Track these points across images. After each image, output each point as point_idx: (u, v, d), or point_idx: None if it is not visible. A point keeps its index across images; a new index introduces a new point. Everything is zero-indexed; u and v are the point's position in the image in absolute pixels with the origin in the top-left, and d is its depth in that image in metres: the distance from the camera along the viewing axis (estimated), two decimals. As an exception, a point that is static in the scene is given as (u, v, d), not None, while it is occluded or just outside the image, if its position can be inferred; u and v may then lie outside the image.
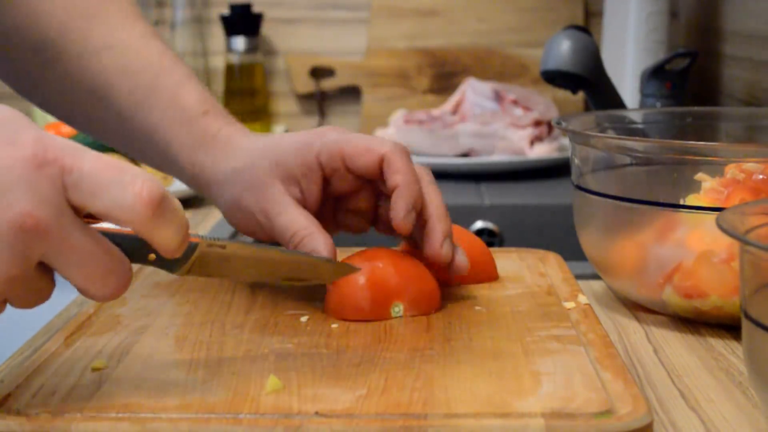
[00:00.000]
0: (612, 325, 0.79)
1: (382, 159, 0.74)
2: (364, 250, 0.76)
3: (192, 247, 0.62)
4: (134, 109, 0.82)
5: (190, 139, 0.81)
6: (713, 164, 0.77)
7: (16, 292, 0.55)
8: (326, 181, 0.78)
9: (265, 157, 0.78)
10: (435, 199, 0.76)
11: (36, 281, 0.55)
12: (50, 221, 0.52)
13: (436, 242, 0.74)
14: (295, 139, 0.79)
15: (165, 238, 0.56)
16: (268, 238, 0.79)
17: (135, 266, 0.87)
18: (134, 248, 0.58)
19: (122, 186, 0.53)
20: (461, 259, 0.75)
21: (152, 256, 0.59)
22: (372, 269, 0.73)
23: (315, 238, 0.74)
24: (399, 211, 0.73)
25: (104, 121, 0.85)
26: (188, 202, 1.36)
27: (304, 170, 0.77)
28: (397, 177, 0.74)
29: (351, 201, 0.79)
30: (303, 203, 0.77)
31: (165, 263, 0.61)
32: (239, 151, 0.80)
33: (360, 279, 0.72)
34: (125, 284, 0.56)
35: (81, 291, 0.56)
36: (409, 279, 0.73)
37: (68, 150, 0.53)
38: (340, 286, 0.72)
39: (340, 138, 0.77)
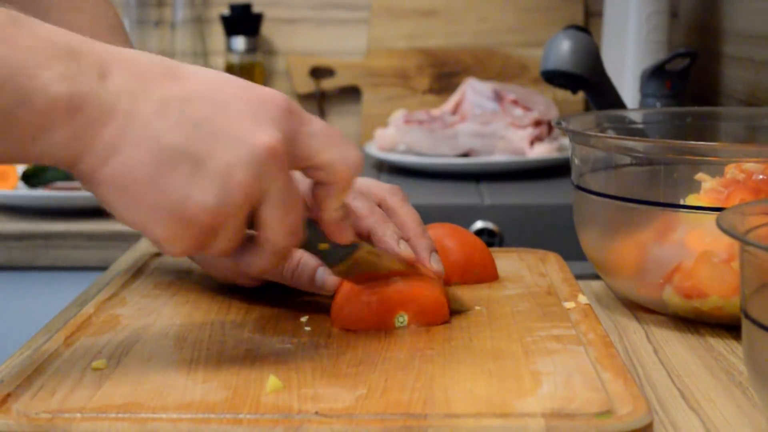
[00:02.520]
0: (612, 325, 0.79)
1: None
2: None
3: (354, 246, 0.68)
4: None
5: None
6: (713, 164, 0.77)
7: (230, 224, 0.59)
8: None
9: None
10: (410, 217, 0.77)
11: (242, 220, 0.60)
12: (286, 157, 0.59)
13: (425, 260, 0.75)
14: None
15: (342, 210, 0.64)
16: (253, 280, 0.78)
17: (153, 264, 0.87)
18: (311, 233, 0.66)
19: (348, 145, 0.63)
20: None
21: (324, 245, 0.66)
22: (376, 279, 0.71)
23: (311, 258, 0.74)
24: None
25: None
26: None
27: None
28: (358, 224, 0.75)
29: None
30: None
31: (329, 256, 0.67)
32: None
33: (362, 289, 0.71)
34: (289, 255, 0.64)
35: (263, 240, 0.61)
36: (414, 290, 0.72)
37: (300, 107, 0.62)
38: (344, 295, 0.72)
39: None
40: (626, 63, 1.58)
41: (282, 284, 0.77)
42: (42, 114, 0.56)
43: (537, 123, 1.59)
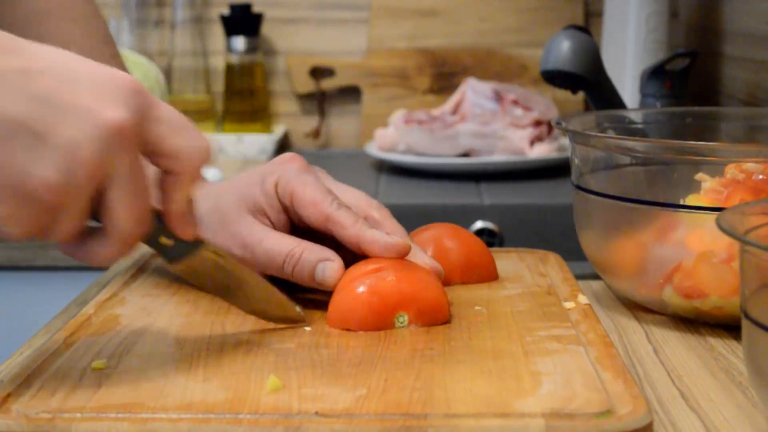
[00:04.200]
0: (612, 325, 0.79)
1: (327, 218, 0.75)
2: (369, 258, 0.75)
3: (198, 244, 0.65)
4: None
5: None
6: (713, 164, 0.77)
7: (73, 205, 0.57)
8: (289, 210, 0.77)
9: (229, 194, 0.78)
10: (396, 229, 0.77)
11: (85, 201, 0.57)
12: (134, 138, 0.57)
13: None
14: (256, 171, 0.79)
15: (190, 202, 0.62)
16: None
17: (135, 260, 0.87)
18: (154, 225, 0.63)
19: (197, 134, 0.61)
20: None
21: (164, 239, 0.63)
22: (376, 278, 0.71)
23: (313, 251, 0.74)
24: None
25: None
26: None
27: (268, 200, 0.77)
28: (342, 235, 0.74)
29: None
30: None
31: (170, 251, 0.64)
32: (200, 196, 0.79)
33: (362, 288, 0.71)
34: (134, 245, 0.61)
35: (109, 227, 0.59)
36: (414, 289, 0.71)
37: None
38: (343, 295, 0.72)
39: (295, 179, 0.76)
40: (626, 63, 1.58)
41: (282, 280, 0.77)
42: None
43: (537, 123, 1.59)
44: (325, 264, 0.73)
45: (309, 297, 0.78)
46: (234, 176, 0.82)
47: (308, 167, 0.78)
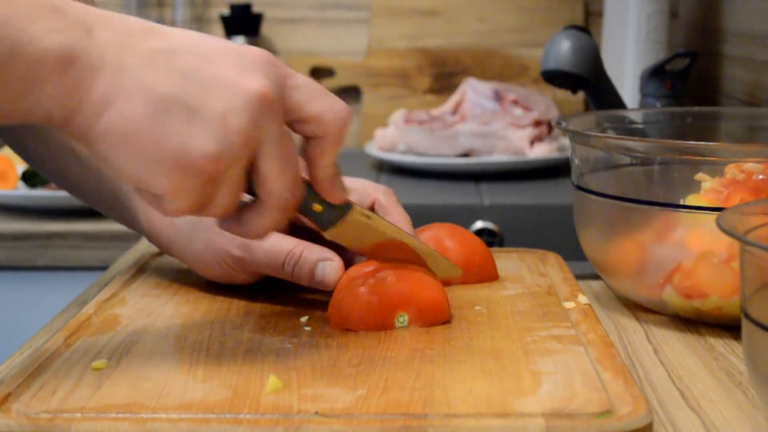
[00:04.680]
0: (612, 325, 0.79)
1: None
2: (370, 260, 0.75)
3: (347, 207, 0.68)
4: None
5: None
6: (713, 164, 0.77)
7: (231, 174, 0.59)
8: None
9: None
10: (401, 217, 0.79)
11: (242, 171, 0.60)
12: (278, 106, 0.60)
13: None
14: None
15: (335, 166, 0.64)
16: (250, 275, 0.78)
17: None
18: (304, 193, 0.65)
19: (334, 97, 0.63)
20: None
21: (318, 206, 0.66)
22: (376, 278, 0.71)
23: (313, 250, 0.74)
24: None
25: (76, 176, 0.85)
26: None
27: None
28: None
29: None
30: None
31: (323, 217, 0.66)
32: None
33: (362, 288, 0.71)
34: (291, 213, 0.63)
35: (264, 195, 0.61)
36: (415, 289, 0.71)
37: None
38: (343, 295, 0.72)
39: None
40: (626, 63, 1.58)
41: (281, 281, 0.77)
42: (34, 66, 0.56)
43: (537, 123, 1.59)
44: (326, 263, 0.73)
45: (309, 297, 0.78)
46: None
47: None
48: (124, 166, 0.58)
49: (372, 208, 0.79)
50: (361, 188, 0.79)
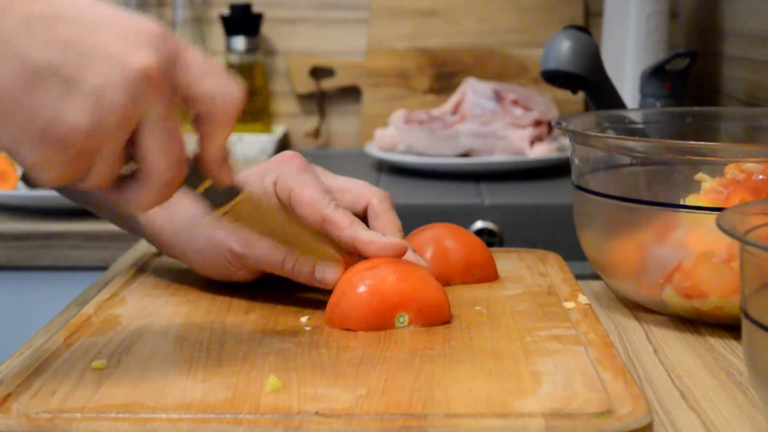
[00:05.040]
0: (612, 325, 0.79)
1: (324, 219, 0.75)
2: (370, 258, 0.75)
3: (237, 189, 0.66)
4: None
5: None
6: (713, 164, 0.77)
7: (106, 150, 0.57)
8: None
9: None
10: (391, 223, 0.78)
11: (119, 147, 0.58)
12: (164, 83, 0.57)
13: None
14: (256, 169, 0.79)
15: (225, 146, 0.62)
16: (250, 272, 0.78)
17: (138, 251, 0.87)
18: (192, 172, 0.63)
19: (227, 77, 0.60)
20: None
21: (207, 183, 0.64)
22: (376, 278, 0.71)
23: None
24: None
25: None
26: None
27: (266, 198, 0.77)
28: (339, 236, 0.75)
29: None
30: None
31: (212, 196, 0.65)
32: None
33: (363, 288, 0.71)
34: (173, 190, 0.61)
35: (144, 171, 0.59)
36: (415, 289, 0.71)
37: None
38: (343, 295, 0.72)
39: (294, 178, 0.77)
40: (626, 63, 1.58)
41: (281, 280, 0.77)
42: None
43: (537, 123, 1.59)
44: (325, 263, 0.73)
45: (309, 297, 0.78)
46: None
47: (307, 166, 0.78)
48: None
49: (365, 211, 0.79)
50: (356, 190, 0.79)
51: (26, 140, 0.56)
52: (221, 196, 0.66)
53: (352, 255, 0.75)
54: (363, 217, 0.79)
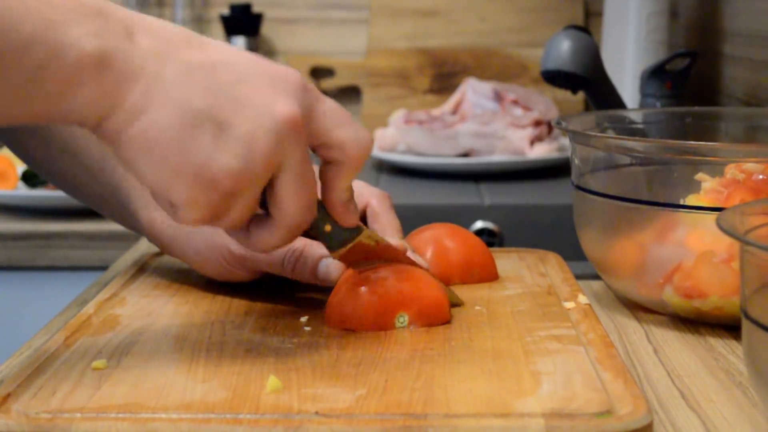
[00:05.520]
0: (612, 325, 0.79)
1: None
2: None
3: (358, 229, 0.69)
4: (100, 166, 0.83)
5: (146, 197, 0.81)
6: (713, 164, 0.77)
7: (249, 192, 0.60)
8: None
9: None
10: (390, 224, 0.79)
11: (259, 190, 0.61)
12: (304, 131, 0.61)
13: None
14: None
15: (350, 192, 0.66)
16: (250, 272, 0.78)
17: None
18: (317, 214, 0.66)
19: (360, 126, 0.64)
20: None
21: (328, 227, 0.67)
22: (376, 278, 0.71)
23: (314, 247, 0.74)
24: None
25: (76, 178, 0.85)
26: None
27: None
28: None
29: None
30: None
31: (332, 237, 0.68)
32: None
33: (363, 288, 0.71)
34: (300, 232, 0.64)
35: (278, 215, 0.62)
36: (415, 289, 0.71)
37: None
38: (342, 295, 0.72)
39: None
40: (626, 63, 1.58)
41: (280, 280, 0.77)
42: (72, 69, 0.56)
43: (537, 123, 1.59)
44: (328, 260, 0.74)
45: (309, 297, 0.78)
46: None
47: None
48: (147, 172, 0.59)
49: (364, 212, 0.79)
50: (356, 191, 0.79)
51: (179, 181, 0.59)
52: (342, 236, 0.68)
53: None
54: (362, 217, 0.79)
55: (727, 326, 0.77)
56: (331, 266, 0.74)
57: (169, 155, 0.58)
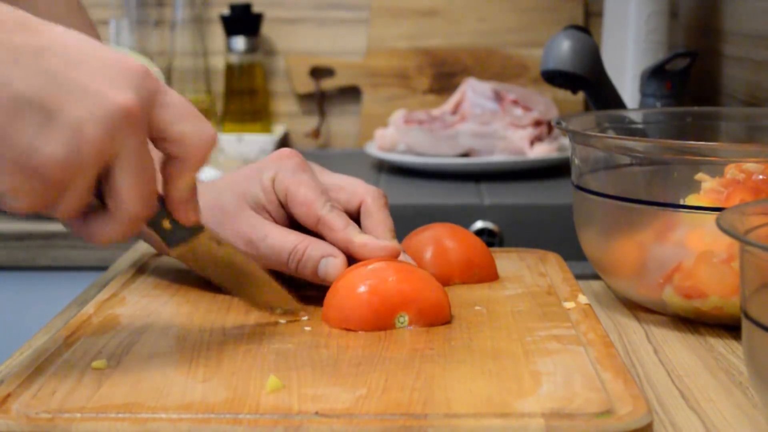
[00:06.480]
0: (612, 325, 0.79)
1: (319, 220, 0.76)
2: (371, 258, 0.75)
3: (198, 228, 0.66)
4: None
5: None
6: (713, 164, 0.77)
7: (78, 182, 0.58)
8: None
9: (229, 190, 0.78)
10: (383, 223, 0.78)
11: (90, 180, 0.58)
12: (141, 122, 0.58)
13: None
14: (254, 166, 0.79)
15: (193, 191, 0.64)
16: None
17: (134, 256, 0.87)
18: (157, 209, 0.64)
19: (203, 120, 0.62)
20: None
21: (166, 223, 0.65)
22: (377, 278, 0.71)
23: (316, 246, 0.74)
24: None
25: None
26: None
27: (267, 195, 0.77)
28: (332, 237, 0.75)
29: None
30: None
31: (171, 235, 0.65)
32: (200, 192, 0.79)
33: (363, 288, 0.71)
34: (139, 226, 0.61)
35: (113, 207, 0.60)
36: (415, 289, 0.71)
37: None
38: (342, 295, 0.72)
39: (291, 177, 0.77)
40: (626, 63, 1.58)
41: (281, 280, 0.77)
42: None
43: (537, 123, 1.59)
44: (329, 260, 0.74)
45: (309, 294, 0.78)
46: (231, 172, 0.82)
47: (305, 164, 0.78)
48: None
49: (358, 209, 0.79)
50: (351, 188, 0.79)
51: (1, 169, 0.56)
52: (181, 235, 0.66)
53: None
54: (357, 215, 0.79)
55: (727, 326, 0.77)
56: (330, 266, 0.74)
57: None
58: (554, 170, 1.57)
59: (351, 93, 1.90)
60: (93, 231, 0.61)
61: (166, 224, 0.65)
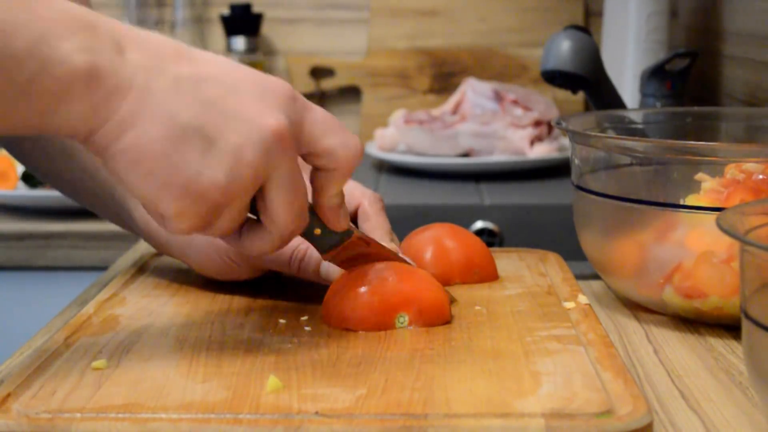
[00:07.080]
0: (612, 325, 0.79)
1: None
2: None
3: (348, 233, 0.69)
4: (96, 167, 0.83)
5: None
6: (713, 164, 0.77)
7: (236, 203, 0.61)
8: None
9: None
10: (380, 226, 0.79)
11: (247, 200, 0.62)
12: (292, 141, 0.62)
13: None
14: None
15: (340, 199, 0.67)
16: (252, 271, 0.78)
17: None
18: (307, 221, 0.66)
19: (349, 133, 0.66)
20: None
21: (318, 230, 0.68)
22: (377, 278, 0.71)
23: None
24: None
25: (73, 179, 0.85)
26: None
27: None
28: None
29: None
30: None
31: (322, 241, 0.69)
32: None
33: (363, 288, 0.71)
34: (292, 238, 0.65)
35: (268, 223, 0.63)
36: (415, 289, 0.71)
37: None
38: (342, 295, 0.72)
39: None
40: (626, 63, 1.58)
41: (281, 280, 0.77)
42: (62, 83, 0.57)
43: (537, 123, 1.59)
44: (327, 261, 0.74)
45: (309, 296, 0.78)
46: None
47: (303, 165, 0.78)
48: (135, 185, 0.59)
49: (355, 213, 0.79)
50: (348, 191, 0.79)
51: (168, 194, 0.59)
52: (332, 240, 0.69)
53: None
54: (354, 218, 0.79)
55: (727, 326, 0.77)
56: (331, 266, 0.74)
57: (156, 169, 0.59)
58: (554, 170, 1.57)
59: (351, 93, 1.90)
60: (248, 245, 0.65)
61: (317, 231, 0.68)
